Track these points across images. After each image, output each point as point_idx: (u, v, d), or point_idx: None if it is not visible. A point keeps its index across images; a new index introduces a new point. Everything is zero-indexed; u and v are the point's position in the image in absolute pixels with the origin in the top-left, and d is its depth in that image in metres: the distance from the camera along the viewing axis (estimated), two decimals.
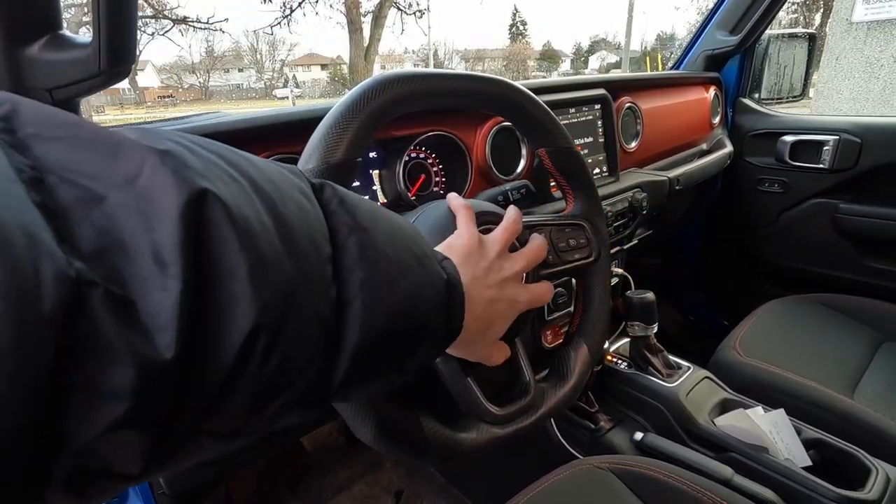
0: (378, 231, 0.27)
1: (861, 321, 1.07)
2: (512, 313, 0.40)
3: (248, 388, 0.20)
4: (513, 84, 0.53)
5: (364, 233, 0.26)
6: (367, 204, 0.28)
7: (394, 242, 0.28)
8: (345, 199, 0.26)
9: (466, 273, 0.36)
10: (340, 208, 0.26)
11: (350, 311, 0.24)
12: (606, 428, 0.87)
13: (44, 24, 0.41)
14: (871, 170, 1.23)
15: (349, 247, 0.25)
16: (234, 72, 31.65)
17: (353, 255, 0.25)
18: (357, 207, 0.27)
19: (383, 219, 0.28)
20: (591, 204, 0.59)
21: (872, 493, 0.66)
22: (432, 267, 0.30)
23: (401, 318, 0.26)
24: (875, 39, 4.24)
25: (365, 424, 0.41)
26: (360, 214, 0.26)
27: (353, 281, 0.24)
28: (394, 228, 0.29)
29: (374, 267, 0.25)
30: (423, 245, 0.31)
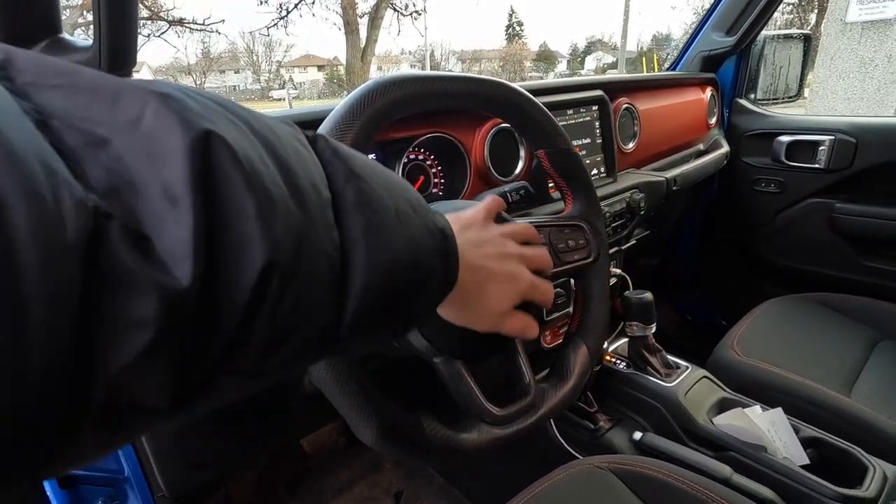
0: (374, 180, 0.27)
1: (858, 320, 1.07)
2: (511, 288, 0.41)
3: (266, 326, 0.20)
4: (511, 86, 0.53)
5: (361, 180, 0.26)
6: (360, 155, 0.29)
7: (390, 191, 0.28)
8: (338, 149, 0.27)
9: (461, 236, 0.37)
10: (335, 158, 0.26)
11: (354, 256, 0.24)
12: (606, 428, 0.87)
13: (43, 28, 0.41)
14: (867, 169, 1.24)
15: (347, 193, 0.25)
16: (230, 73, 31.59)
17: (352, 202, 0.25)
18: (351, 157, 0.27)
19: (377, 169, 0.29)
20: (589, 205, 0.60)
21: (870, 490, 0.66)
22: (428, 215, 0.31)
23: (402, 264, 0.27)
24: (869, 39, 4.27)
25: (367, 425, 0.42)
26: (355, 164, 0.27)
27: (354, 227, 0.25)
28: (388, 178, 0.29)
29: (374, 214, 0.26)
30: (416, 195, 0.31)
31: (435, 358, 0.48)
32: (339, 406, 0.42)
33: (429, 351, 0.47)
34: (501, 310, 0.41)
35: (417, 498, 1.16)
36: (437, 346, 0.47)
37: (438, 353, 0.48)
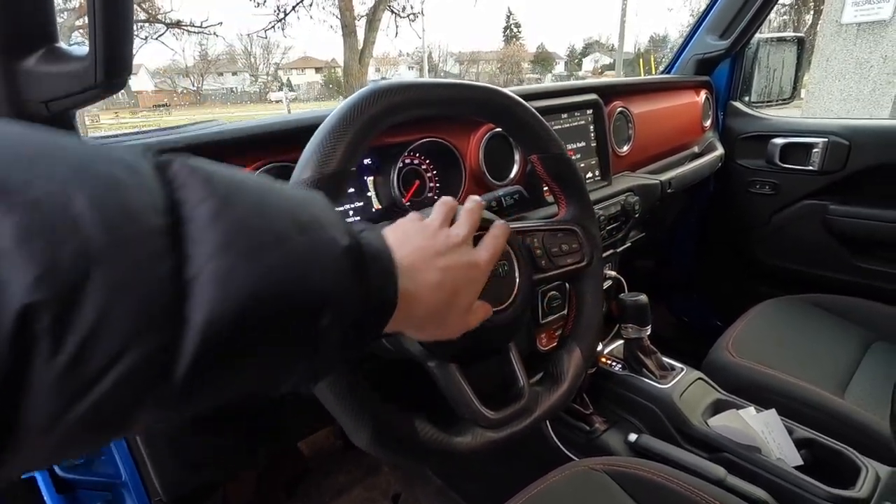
0: (240, 199, 0.24)
1: (852, 321, 1.08)
2: (476, 275, 0.40)
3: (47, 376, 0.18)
4: (504, 91, 0.53)
5: (218, 201, 0.23)
6: (230, 173, 0.26)
7: (263, 210, 0.25)
8: (198, 169, 0.24)
9: (406, 245, 0.36)
10: (191, 179, 0.24)
11: (194, 287, 0.21)
12: (601, 430, 0.88)
13: (40, 37, 0.41)
14: (860, 171, 1.25)
15: (197, 217, 0.23)
16: (228, 75, 31.58)
17: (201, 226, 0.22)
18: (213, 176, 0.24)
19: (252, 188, 0.26)
20: (583, 209, 0.60)
21: (863, 491, 0.67)
22: (326, 234, 0.27)
23: (277, 289, 0.24)
24: (864, 41, 4.29)
25: (361, 429, 0.42)
26: (217, 183, 0.24)
27: (198, 254, 0.22)
28: (266, 196, 0.26)
29: (228, 237, 0.23)
30: (315, 212, 0.28)
31: (429, 361, 0.48)
32: (333, 409, 0.42)
33: (423, 354, 0.48)
34: (471, 304, 0.41)
35: (415, 500, 1.16)
36: (432, 350, 0.47)
37: (433, 356, 0.48)
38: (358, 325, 0.29)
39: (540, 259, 0.55)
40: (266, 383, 0.27)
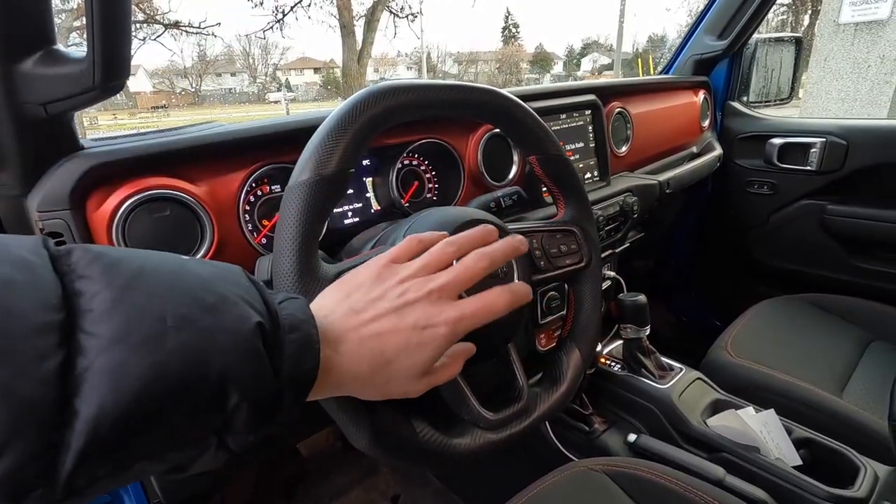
0: (141, 286, 0.24)
1: (850, 320, 1.08)
2: (426, 340, 0.34)
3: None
4: (502, 93, 0.53)
5: (117, 290, 0.23)
6: (138, 259, 0.26)
7: (167, 295, 0.25)
8: (100, 257, 0.24)
9: (343, 307, 0.33)
10: (91, 269, 0.23)
11: (84, 381, 0.21)
12: (600, 430, 0.88)
13: (38, 40, 0.41)
14: (858, 171, 1.25)
15: (92, 308, 0.22)
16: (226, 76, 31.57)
17: (96, 318, 0.22)
18: (117, 264, 0.24)
19: (157, 269, 0.26)
20: (581, 210, 0.60)
21: (861, 490, 0.67)
22: (232, 313, 0.27)
23: (175, 377, 0.23)
24: (862, 41, 4.29)
25: (360, 431, 0.42)
26: (119, 269, 0.24)
27: (91, 346, 0.22)
28: (173, 280, 0.26)
29: (123, 328, 0.23)
30: (224, 290, 0.27)
31: None
32: (332, 411, 0.42)
33: None
34: (420, 370, 0.35)
35: (414, 502, 1.16)
36: None
37: None
38: (272, 400, 0.28)
39: (539, 260, 0.55)
40: (172, 467, 0.26)
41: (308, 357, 0.29)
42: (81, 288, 0.23)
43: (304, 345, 0.29)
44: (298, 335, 0.29)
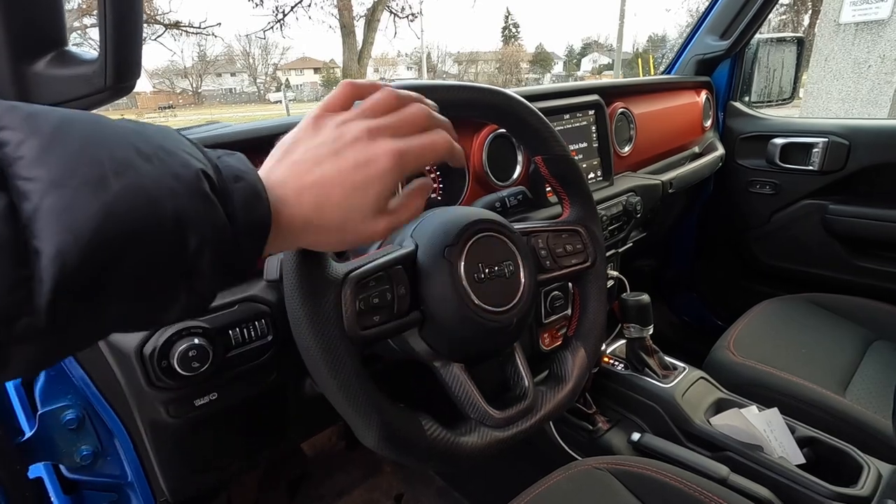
0: (69, 133, 0.24)
1: (852, 320, 1.09)
2: (370, 176, 0.33)
3: None
4: (508, 93, 0.54)
5: (44, 137, 0.23)
6: (56, 111, 0.25)
7: (99, 142, 0.24)
8: (17, 107, 0.24)
9: (284, 162, 0.33)
10: (8, 118, 0.23)
11: (36, 223, 0.21)
12: (604, 429, 0.88)
13: (49, 41, 0.41)
14: (860, 171, 1.25)
15: (22, 155, 0.22)
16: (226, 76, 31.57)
17: (28, 163, 0.22)
18: (35, 114, 0.24)
19: (82, 120, 0.25)
20: (586, 210, 0.61)
21: (865, 489, 0.67)
22: (174, 160, 0.27)
23: (128, 217, 0.23)
24: (862, 40, 4.30)
25: (369, 429, 0.42)
26: (39, 119, 0.23)
27: (32, 189, 0.22)
28: (101, 129, 0.25)
29: (62, 169, 0.22)
30: (159, 141, 0.27)
31: (435, 362, 0.48)
32: (342, 410, 0.42)
33: (428, 355, 0.48)
34: (374, 208, 0.34)
35: (417, 501, 1.16)
36: (437, 350, 0.48)
37: (438, 356, 0.48)
38: (233, 245, 0.28)
39: (544, 260, 0.56)
40: (149, 312, 0.27)
41: (258, 205, 0.29)
42: (3, 137, 0.22)
43: (251, 193, 0.29)
44: (244, 184, 0.29)
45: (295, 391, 0.63)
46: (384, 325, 0.44)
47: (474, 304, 0.46)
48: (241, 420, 0.62)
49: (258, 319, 0.52)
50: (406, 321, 0.46)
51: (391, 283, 0.44)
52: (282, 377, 0.58)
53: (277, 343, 0.54)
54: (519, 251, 0.51)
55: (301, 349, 0.41)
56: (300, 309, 0.40)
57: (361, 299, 0.42)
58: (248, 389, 0.56)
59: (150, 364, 0.47)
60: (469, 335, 0.47)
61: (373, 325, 0.43)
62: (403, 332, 0.46)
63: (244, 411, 0.61)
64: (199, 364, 0.48)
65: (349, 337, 0.42)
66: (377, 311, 0.43)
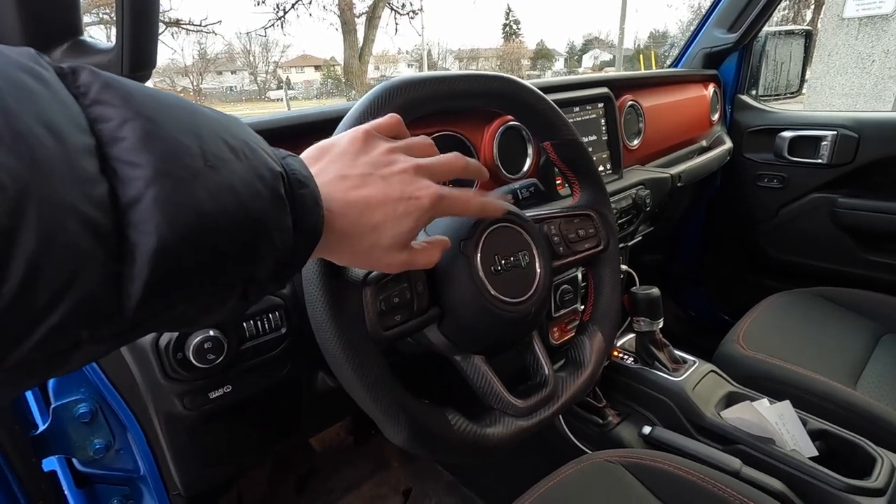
0: (168, 118, 0.23)
1: (861, 314, 1.08)
2: (410, 210, 0.34)
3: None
4: (515, 80, 0.53)
5: (147, 121, 0.21)
6: (148, 89, 0.23)
7: (195, 131, 0.23)
8: (112, 83, 0.22)
9: (330, 171, 0.33)
10: (106, 94, 0.21)
11: (136, 213, 0.20)
12: (614, 423, 0.88)
13: (65, 31, 0.41)
14: (869, 164, 1.25)
15: (125, 137, 0.21)
16: (227, 74, 31.54)
17: (132, 147, 0.20)
18: (132, 92, 0.22)
19: (175, 105, 0.24)
20: (597, 194, 0.60)
21: (878, 481, 0.67)
22: (258, 159, 0.26)
23: (221, 216, 0.23)
24: (866, 35, 4.28)
25: (398, 427, 0.42)
26: (138, 99, 0.22)
27: (135, 176, 0.20)
28: (193, 116, 0.24)
29: (166, 159, 0.21)
30: (243, 136, 0.26)
31: (455, 355, 0.48)
32: (370, 411, 0.42)
33: (448, 349, 0.48)
34: (402, 240, 0.35)
35: (426, 495, 1.16)
36: (457, 344, 0.48)
37: (458, 349, 0.48)
38: (291, 255, 0.28)
39: (557, 246, 0.56)
40: (199, 313, 0.26)
41: (315, 213, 0.29)
42: (102, 114, 0.21)
43: (313, 201, 0.29)
44: (308, 192, 0.29)
45: (308, 384, 0.63)
46: (405, 323, 0.44)
47: (492, 296, 0.46)
48: (255, 413, 0.62)
49: (272, 312, 0.52)
50: (426, 318, 0.46)
51: (409, 281, 0.44)
52: (295, 370, 0.58)
53: (291, 335, 0.54)
54: (533, 240, 0.51)
55: (325, 353, 0.41)
56: (324, 314, 0.40)
57: (382, 299, 0.42)
58: (261, 382, 0.56)
59: (166, 356, 0.47)
60: (488, 327, 0.46)
61: (394, 325, 0.43)
62: (424, 328, 0.46)
63: (258, 404, 0.61)
64: (214, 356, 0.48)
65: (373, 339, 0.42)
66: (398, 310, 0.43)
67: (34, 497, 0.57)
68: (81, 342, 0.20)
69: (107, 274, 0.19)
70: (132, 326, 0.21)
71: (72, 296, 0.18)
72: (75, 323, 0.19)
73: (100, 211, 0.19)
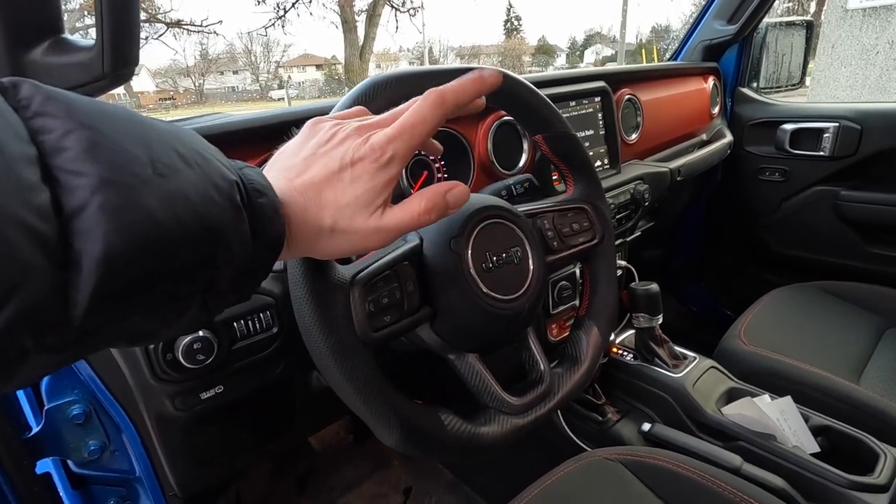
0: (114, 129, 0.22)
1: (865, 308, 1.07)
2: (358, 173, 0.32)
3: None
4: (507, 73, 0.53)
5: (91, 131, 0.21)
6: (93, 101, 0.23)
7: (144, 142, 0.23)
8: (55, 95, 0.22)
9: (277, 170, 0.32)
10: (49, 106, 0.21)
11: (81, 220, 0.20)
12: (614, 420, 0.87)
13: (46, 28, 0.41)
14: (872, 156, 1.23)
15: (68, 147, 0.20)
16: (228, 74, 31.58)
17: (76, 156, 0.20)
18: (75, 105, 0.22)
19: (122, 117, 0.24)
20: (591, 187, 0.60)
21: (881, 477, 0.66)
22: (211, 168, 0.26)
23: (173, 224, 0.22)
24: (870, 26, 4.24)
25: (390, 429, 0.42)
26: (81, 111, 0.22)
27: (79, 185, 0.20)
28: (141, 127, 0.24)
29: (112, 168, 0.21)
30: (195, 146, 0.26)
31: (449, 354, 0.48)
32: (361, 413, 0.42)
33: (442, 348, 0.47)
34: (365, 207, 0.32)
35: (426, 494, 1.16)
36: (450, 343, 0.47)
37: (452, 349, 0.47)
38: (251, 263, 0.28)
39: (551, 240, 0.55)
40: (158, 325, 0.25)
41: (275, 221, 0.29)
42: (44, 125, 0.21)
43: (272, 209, 0.29)
44: (266, 200, 0.28)
45: (302, 384, 0.62)
46: (395, 324, 0.43)
47: (484, 293, 0.45)
48: (248, 413, 0.62)
49: (263, 311, 0.52)
50: (417, 318, 0.45)
51: (399, 280, 0.44)
52: (288, 369, 0.58)
53: (283, 335, 0.53)
54: (525, 235, 0.50)
55: (314, 355, 0.41)
56: (310, 317, 0.39)
57: (371, 301, 0.42)
58: (254, 382, 0.56)
59: (155, 357, 0.47)
60: (481, 325, 0.46)
61: (384, 326, 0.43)
62: (415, 328, 0.46)
63: (251, 404, 0.60)
64: (205, 356, 0.47)
65: (361, 340, 0.41)
66: (387, 310, 0.43)
67: (27, 500, 0.57)
68: (27, 352, 0.19)
69: (52, 282, 0.19)
70: (81, 335, 0.21)
71: (14, 304, 0.18)
72: (18, 331, 0.19)
73: (42, 219, 0.19)
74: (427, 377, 0.68)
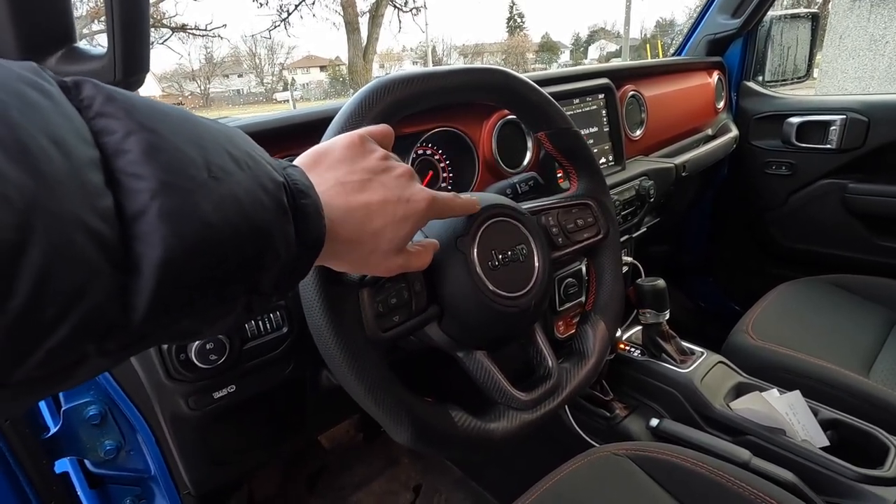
0: (171, 130, 0.23)
1: (874, 301, 1.06)
2: (409, 213, 0.35)
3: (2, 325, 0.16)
4: (508, 71, 0.53)
5: (150, 133, 0.21)
6: (150, 102, 0.23)
7: (199, 143, 0.23)
8: (115, 96, 0.22)
9: (328, 178, 0.33)
10: (110, 106, 0.21)
11: (142, 224, 0.20)
12: (622, 416, 0.87)
13: (59, 38, 0.42)
14: (880, 148, 1.22)
15: (129, 149, 0.21)
16: (233, 77, 31.75)
17: (136, 159, 0.20)
18: (135, 105, 0.22)
19: (178, 117, 0.24)
20: (595, 182, 0.60)
21: (892, 470, 0.66)
22: (260, 170, 0.26)
23: (226, 227, 0.23)
24: (879, 16, 4.18)
25: (401, 427, 0.42)
26: (141, 111, 0.22)
27: (140, 189, 0.20)
28: (196, 128, 0.24)
29: (170, 171, 0.21)
30: (245, 146, 0.27)
31: (458, 352, 0.48)
32: (372, 412, 0.42)
33: (450, 345, 0.48)
34: (400, 244, 0.36)
35: (436, 491, 1.17)
36: (458, 340, 0.48)
37: (460, 346, 0.48)
38: (292, 263, 0.28)
39: (556, 237, 0.55)
40: (206, 325, 0.26)
41: (317, 223, 0.29)
42: (105, 126, 0.21)
43: (315, 211, 0.29)
44: (310, 202, 0.29)
45: (312, 383, 0.63)
46: (404, 323, 0.44)
47: (490, 291, 0.46)
48: (260, 412, 0.63)
49: (274, 312, 0.52)
50: (425, 317, 0.45)
51: (406, 280, 0.44)
52: (298, 369, 0.59)
53: (293, 335, 0.54)
54: (530, 233, 0.50)
55: (325, 356, 0.41)
56: (321, 318, 0.40)
57: (379, 301, 0.42)
58: (265, 381, 0.57)
59: (169, 357, 0.48)
60: (488, 323, 0.46)
61: (393, 326, 0.43)
62: (423, 327, 0.46)
63: (262, 403, 0.61)
64: (217, 356, 0.48)
65: (371, 340, 0.42)
66: (396, 310, 0.43)
67: (46, 498, 0.58)
68: (87, 356, 0.20)
69: (113, 287, 0.19)
70: (138, 339, 0.21)
71: (79, 310, 0.18)
72: (82, 337, 0.19)
73: (106, 223, 0.19)
74: (436, 375, 0.69)
